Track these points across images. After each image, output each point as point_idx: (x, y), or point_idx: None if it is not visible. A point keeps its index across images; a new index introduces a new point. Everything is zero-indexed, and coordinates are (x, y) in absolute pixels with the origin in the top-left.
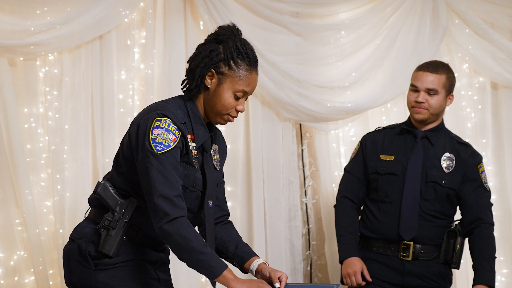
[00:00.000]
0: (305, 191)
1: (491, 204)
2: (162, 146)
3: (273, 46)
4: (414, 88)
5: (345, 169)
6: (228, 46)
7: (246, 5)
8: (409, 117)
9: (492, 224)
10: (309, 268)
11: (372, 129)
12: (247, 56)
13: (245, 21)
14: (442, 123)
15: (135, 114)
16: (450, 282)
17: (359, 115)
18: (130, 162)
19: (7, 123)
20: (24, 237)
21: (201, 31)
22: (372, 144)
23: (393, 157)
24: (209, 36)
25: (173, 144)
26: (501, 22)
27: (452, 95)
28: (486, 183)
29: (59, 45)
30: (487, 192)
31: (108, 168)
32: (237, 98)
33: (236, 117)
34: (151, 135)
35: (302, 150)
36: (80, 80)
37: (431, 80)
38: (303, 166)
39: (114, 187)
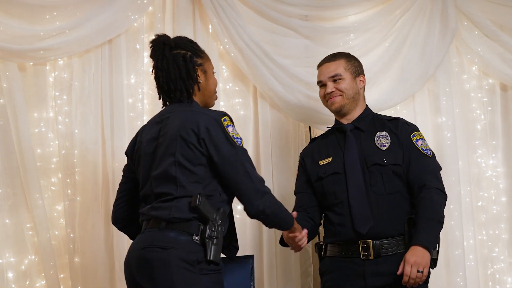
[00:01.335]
0: None
1: (438, 168)
2: (239, 140)
3: (282, 49)
4: (320, 84)
5: (294, 193)
6: (185, 44)
7: (255, 8)
8: (335, 119)
9: (438, 188)
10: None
11: None
12: (195, 42)
13: (253, 24)
14: (367, 109)
15: (145, 118)
16: None
17: None
18: (206, 168)
19: (17, 128)
20: (35, 241)
21: (210, 34)
22: (309, 156)
23: (330, 158)
24: (158, 52)
25: (240, 135)
26: (510, 23)
27: (363, 76)
28: (426, 150)
29: (69, 50)
30: (429, 158)
31: (118, 171)
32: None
33: None
34: (229, 133)
35: None
36: (90, 85)
37: (331, 69)
38: None
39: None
